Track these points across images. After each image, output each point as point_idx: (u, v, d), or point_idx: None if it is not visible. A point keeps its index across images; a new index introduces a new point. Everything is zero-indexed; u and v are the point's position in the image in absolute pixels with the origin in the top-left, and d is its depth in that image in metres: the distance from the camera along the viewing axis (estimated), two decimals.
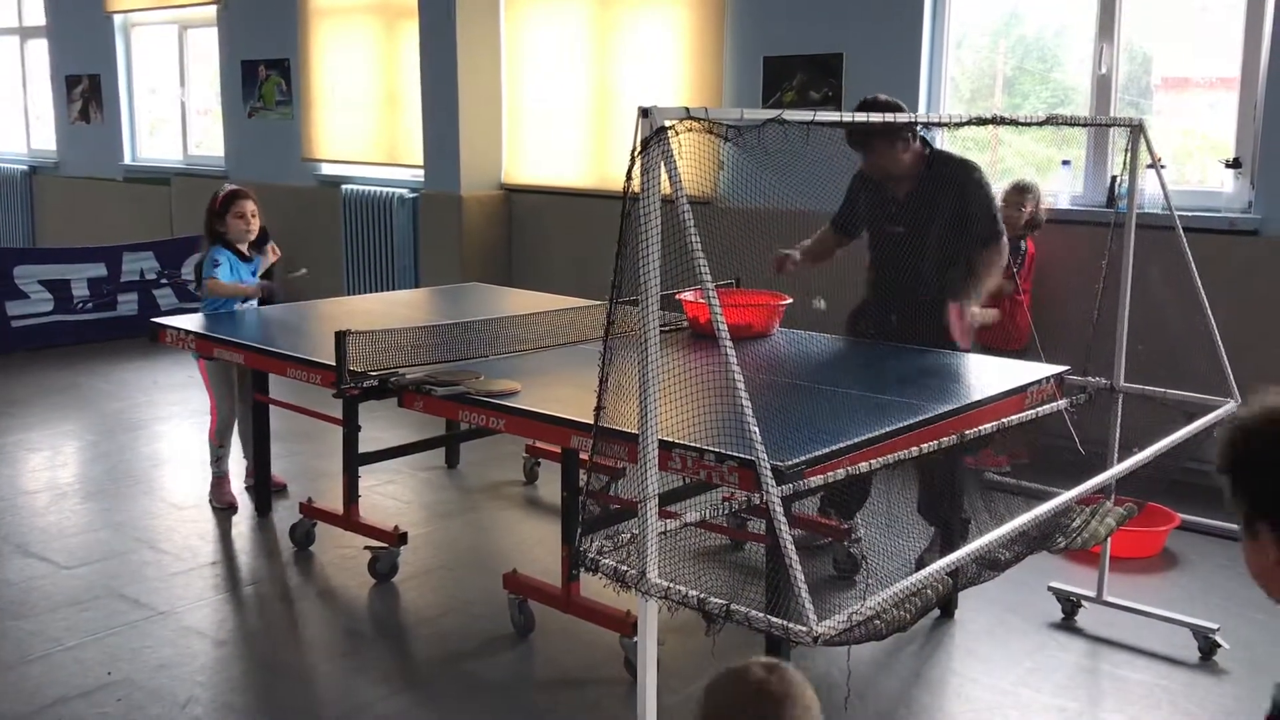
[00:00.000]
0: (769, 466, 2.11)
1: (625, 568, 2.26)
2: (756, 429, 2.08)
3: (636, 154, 2.07)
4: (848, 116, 2.53)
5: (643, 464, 2.21)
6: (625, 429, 2.50)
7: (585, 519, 2.42)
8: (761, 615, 2.06)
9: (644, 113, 2.07)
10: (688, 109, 2.07)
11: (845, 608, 2.10)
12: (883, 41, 5.99)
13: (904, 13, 5.91)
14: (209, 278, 4.87)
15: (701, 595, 2.14)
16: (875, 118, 2.66)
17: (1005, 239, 4.16)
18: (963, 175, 4.11)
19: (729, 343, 2.08)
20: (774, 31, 6.40)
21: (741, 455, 2.63)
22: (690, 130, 2.09)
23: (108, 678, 3.44)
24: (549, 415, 3.21)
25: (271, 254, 5.12)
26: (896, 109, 3.99)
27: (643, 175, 2.08)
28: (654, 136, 2.06)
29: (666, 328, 4.02)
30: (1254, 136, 5.12)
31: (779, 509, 2.07)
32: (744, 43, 6.56)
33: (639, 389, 2.18)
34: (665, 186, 2.11)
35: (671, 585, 2.21)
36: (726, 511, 2.77)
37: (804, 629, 1.99)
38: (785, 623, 2.03)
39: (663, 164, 2.07)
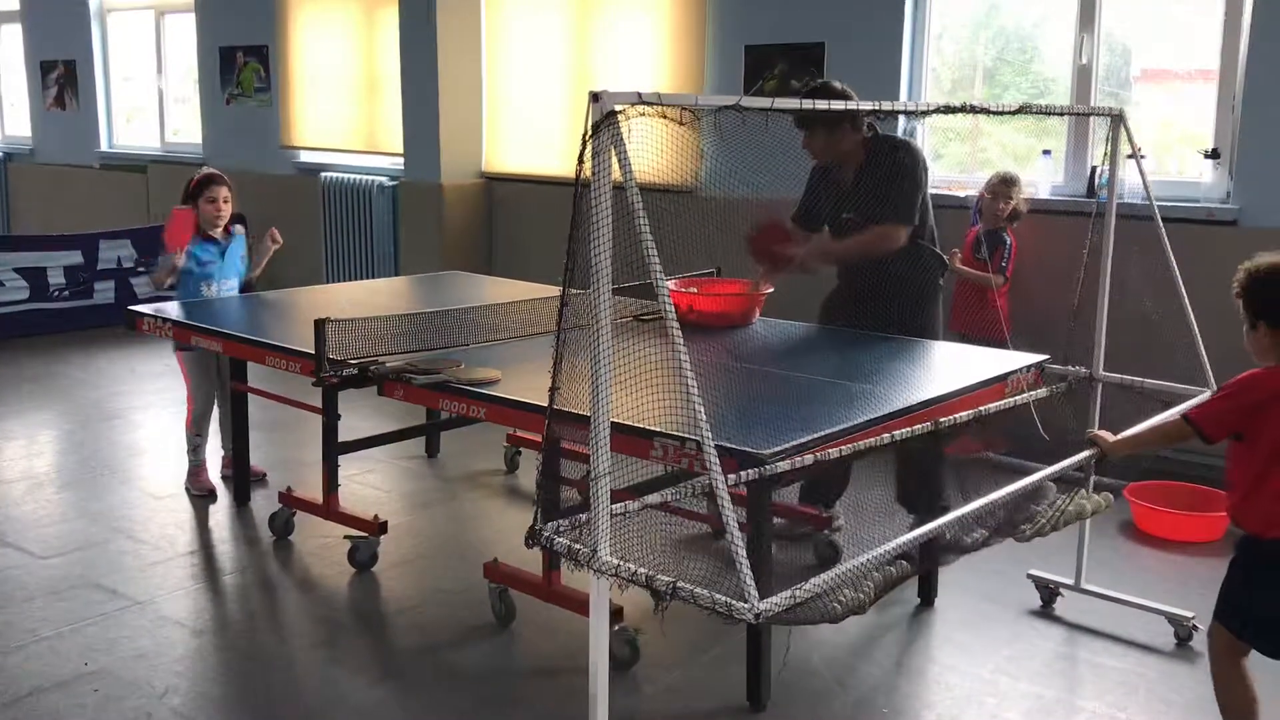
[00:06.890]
0: (714, 447, 2.12)
1: (579, 546, 2.27)
2: (702, 409, 2.09)
3: (587, 138, 2.06)
4: (808, 104, 2.52)
5: (595, 443, 2.21)
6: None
7: (544, 499, 2.42)
8: (705, 592, 2.06)
9: (594, 97, 2.06)
10: (640, 94, 2.06)
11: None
12: (864, 31, 5.99)
13: (886, 2, 5.92)
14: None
15: (649, 573, 2.15)
16: (837, 104, 2.67)
17: (903, 232, 4.10)
18: (898, 154, 4.11)
19: (676, 325, 2.09)
20: (756, 20, 6.39)
21: (722, 443, 2.62)
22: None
23: (85, 668, 3.41)
24: (530, 404, 3.19)
25: (271, 241, 5.12)
26: (846, 97, 4.01)
27: (594, 160, 2.07)
28: (604, 121, 2.05)
29: (646, 315, 4.01)
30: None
31: (722, 486, 2.08)
32: (726, 31, 6.55)
33: (590, 371, 2.18)
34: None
35: (621, 563, 2.22)
36: (691, 494, 2.77)
37: (746, 605, 2.00)
38: (728, 599, 2.04)
39: (613, 149, 2.06)
